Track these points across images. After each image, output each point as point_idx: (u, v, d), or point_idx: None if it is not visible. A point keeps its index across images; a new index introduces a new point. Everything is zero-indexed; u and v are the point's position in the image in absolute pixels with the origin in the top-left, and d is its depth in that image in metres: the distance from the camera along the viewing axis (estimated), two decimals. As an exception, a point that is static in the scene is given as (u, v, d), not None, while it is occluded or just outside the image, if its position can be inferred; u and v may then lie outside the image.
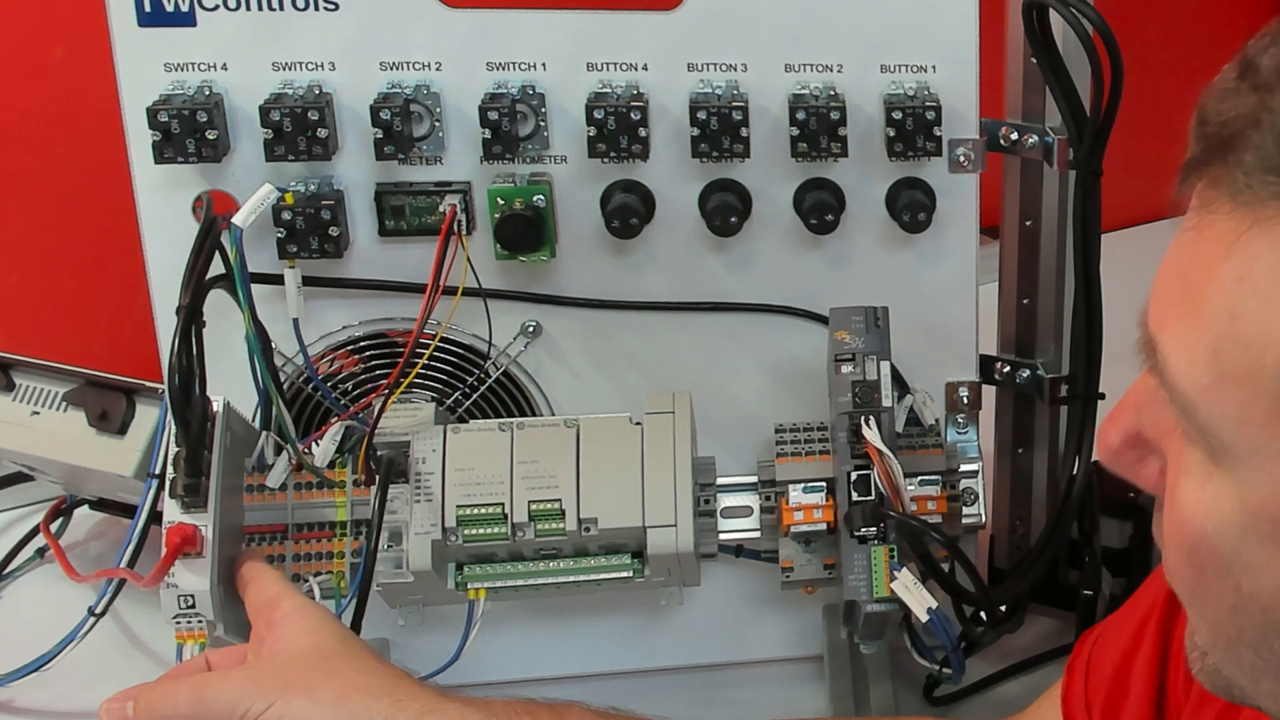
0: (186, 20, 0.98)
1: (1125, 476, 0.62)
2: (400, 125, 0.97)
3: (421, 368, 1.03)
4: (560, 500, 0.96)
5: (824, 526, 0.98)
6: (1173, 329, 0.55)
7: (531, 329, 1.05)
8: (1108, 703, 0.85)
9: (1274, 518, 0.53)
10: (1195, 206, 0.54)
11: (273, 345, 0.96)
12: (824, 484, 0.99)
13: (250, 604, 0.90)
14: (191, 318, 0.87)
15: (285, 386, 1.03)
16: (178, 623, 0.91)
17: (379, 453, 0.96)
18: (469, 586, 0.97)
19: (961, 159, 1.01)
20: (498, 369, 1.06)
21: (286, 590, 0.89)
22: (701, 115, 0.97)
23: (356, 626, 0.93)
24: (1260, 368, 0.51)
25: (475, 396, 1.06)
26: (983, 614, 1.02)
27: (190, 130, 0.96)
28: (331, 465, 0.98)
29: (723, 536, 1.01)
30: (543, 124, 1.00)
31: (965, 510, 1.02)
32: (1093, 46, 0.93)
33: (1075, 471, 1.05)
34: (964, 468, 1.03)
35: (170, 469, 0.91)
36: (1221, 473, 0.54)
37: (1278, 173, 0.50)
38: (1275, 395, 0.51)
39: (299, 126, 0.96)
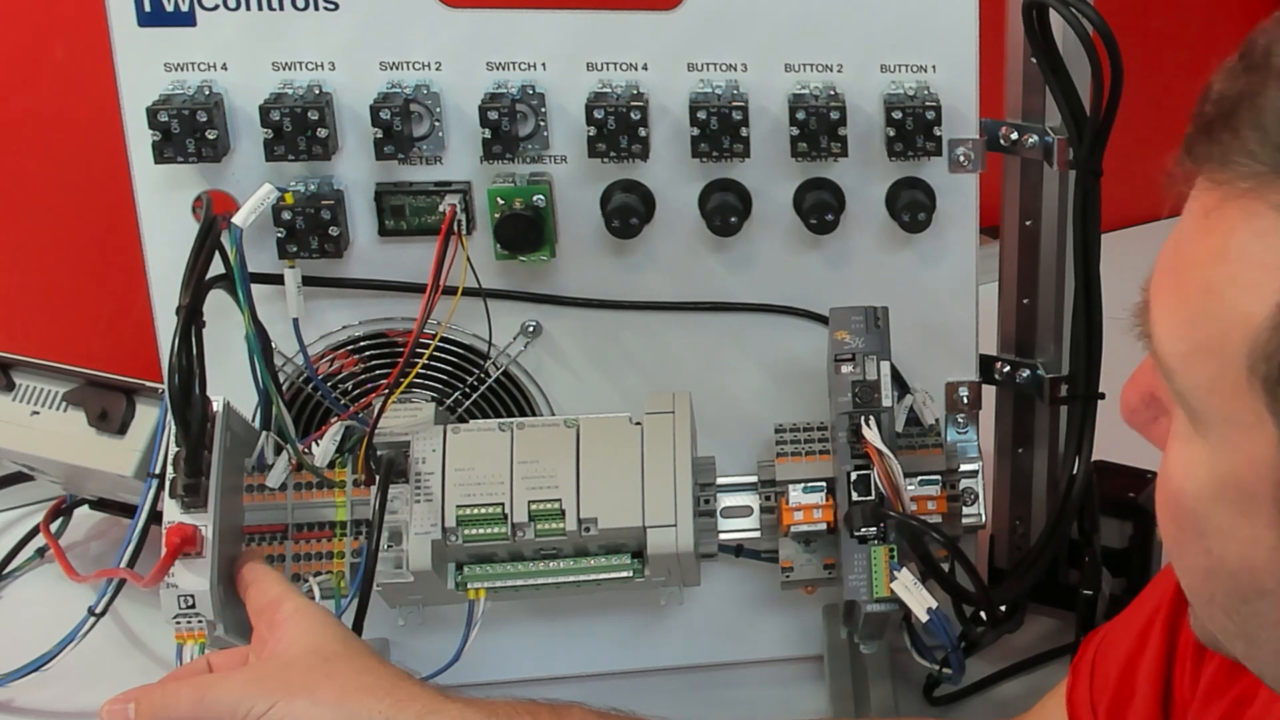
0: (186, 20, 0.98)
1: (1140, 434, 0.64)
2: (400, 125, 0.97)
3: (421, 368, 1.03)
4: (560, 500, 0.96)
5: (824, 526, 0.98)
6: (1161, 298, 0.57)
7: (531, 329, 1.05)
8: (1113, 703, 0.85)
9: (1239, 485, 0.55)
10: (1192, 182, 0.56)
11: (273, 345, 0.96)
12: (824, 484, 0.99)
13: (252, 606, 0.90)
14: (191, 318, 0.87)
15: (285, 386, 1.03)
16: (178, 623, 0.91)
17: (379, 453, 0.96)
18: (469, 586, 0.97)
19: (961, 159, 1.01)
20: (498, 369, 1.06)
21: (288, 592, 0.89)
22: (701, 115, 0.97)
23: (358, 627, 0.93)
24: (1227, 341, 0.53)
25: (475, 396, 1.06)
26: (983, 614, 1.02)
27: (190, 130, 0.96)
28: (331, 465, 0.98)
29: (723, 536, 1.01)
30: (543, 124, 1.00)
31: (965, 510, 1.02)
32: (1093, 46, 0.93)
33: (1075, 471, 1.05)
34: (964, 468, 1.03)
35: (170, 469, 0.90)
36: (1198, 438, 0.57)
37: (1251, 156, 0.52)
38: (1239, 369, 0.53)
39: (299, 126, 0.96)
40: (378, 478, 0.95)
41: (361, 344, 1.06)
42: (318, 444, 0.98)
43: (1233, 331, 0.53)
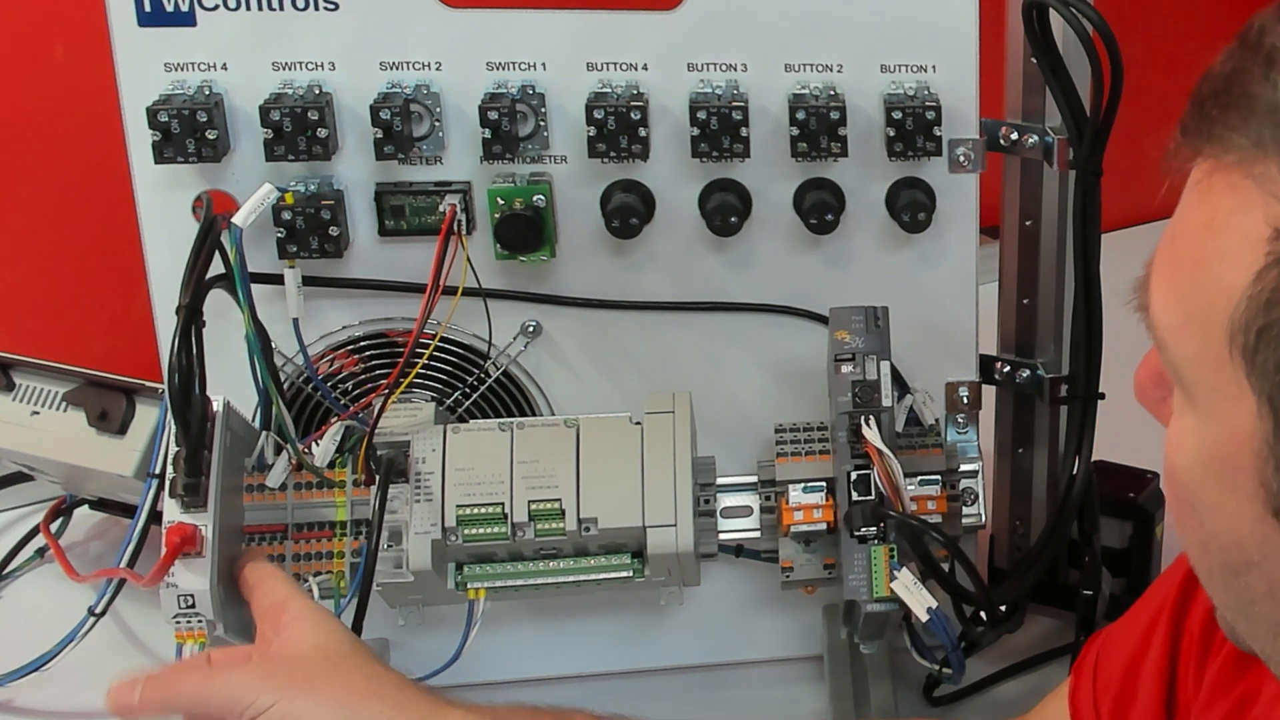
0: (186, 20, 0.98)
1: (1151, 413, 0.64)
2: (400, 125, 0.97)
3: (421, 368, 1.03)
4: (560, 500, 0.96)
5: (824, 526, 0.98)
6: (1159, 272, 0.58)
7: (531, 329, 1.05)
8: (1116, 704, 0.85)
9: (1224, 458, 0.56)
10: (1189, 160, 0.57)
11: (273, 345, 0.96)
12: (824, 484, 0.99)
13: (257, 606, 0.90)
14: (191, 318, 0.87)
15: (285, 386, 1.03)
16: (178, 623, 0.91)
17: (379, 453, 0.96)
18: (469, 586, 0.97)
19: (961, 159, 1.01)
20: (498, 369, 1.06)
21: (294, 593, 0.89)
22: (701, 115, 0.97)
23: (358, 627, 0.93)
24: (1212, 312, 0.54)
25: (475, 396, 1.06)
26: (983, 614, 1.02)
27: (190, 130, 0.96)
28: (331, 465, 0.98)
29: (723, 536, 1.01)
30: (543, 124, 1.00)
31: (965, 510, 1.02)
32: (1093, 46, 0.93)
33: (1075, 471, 1.05)
34: (964, 468, 1.03)
35: (170, 469, 0.90)
36: (1189, 411, 0.58)
37: (1237, 131, 0.53)
38: (1223, 341, 0.54)
39: (299, 126, 0.96)
40: (378, 478, 0.95)
41: (361, 344, 1.06)
42: (318, 444, 0.98)
43: (1217, 302, 0.54)
